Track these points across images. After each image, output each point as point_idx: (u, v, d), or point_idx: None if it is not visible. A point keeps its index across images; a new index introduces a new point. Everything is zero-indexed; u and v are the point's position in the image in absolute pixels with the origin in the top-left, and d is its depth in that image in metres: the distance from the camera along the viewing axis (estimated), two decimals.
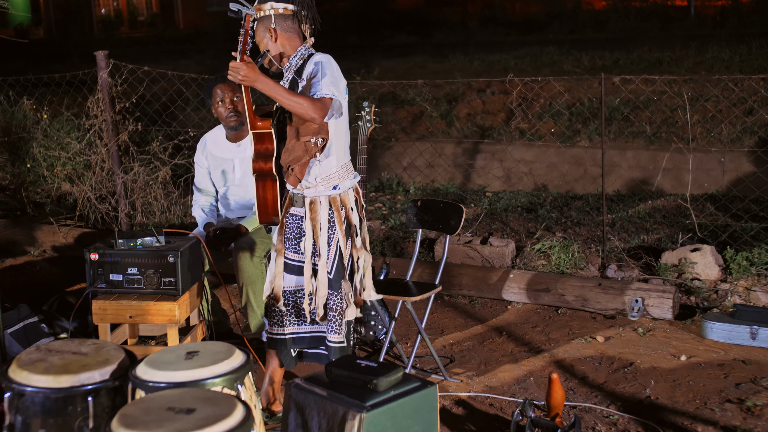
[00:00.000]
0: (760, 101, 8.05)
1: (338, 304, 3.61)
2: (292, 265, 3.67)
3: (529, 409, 3.63)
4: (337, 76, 3.48)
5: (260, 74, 3.32)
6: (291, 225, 3.67)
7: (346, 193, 3.60)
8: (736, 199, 6.77)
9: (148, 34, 27.59)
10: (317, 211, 3.56)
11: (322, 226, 3.56)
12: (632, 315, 4.99)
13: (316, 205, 3.56)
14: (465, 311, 5.31)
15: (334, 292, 3.60)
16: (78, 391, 2.71)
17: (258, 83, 3.31)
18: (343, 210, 3.58)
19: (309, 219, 3.56)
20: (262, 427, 2.91)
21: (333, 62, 3.51)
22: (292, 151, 3.49)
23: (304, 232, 3.59)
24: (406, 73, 12.06)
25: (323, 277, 3.57)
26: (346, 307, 3.61)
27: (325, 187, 3.56)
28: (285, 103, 3.35)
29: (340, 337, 3.62)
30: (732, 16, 17.46)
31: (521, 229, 6.41)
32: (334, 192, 3.57)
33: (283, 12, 3.52)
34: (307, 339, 3.71)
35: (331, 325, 3.61)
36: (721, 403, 3.93)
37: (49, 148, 8.09)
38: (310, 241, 3.57)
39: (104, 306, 3.97)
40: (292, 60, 3.56)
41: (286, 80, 3.58)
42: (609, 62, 11.11)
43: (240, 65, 3.29)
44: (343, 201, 3.59)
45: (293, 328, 3.69)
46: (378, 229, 6.48)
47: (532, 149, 8.56)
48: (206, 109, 8.56)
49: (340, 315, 3.60)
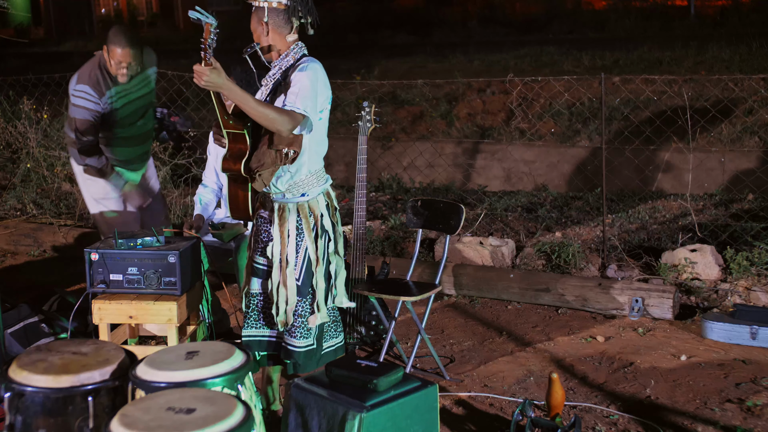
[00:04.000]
0: (760, 101, 8.05)
1: (305, 310, 3.57)
2: (257, 269, 3.64)
3: (529, 409, 3.63)
4: (318, 88, 3.42)
5: (225, 80, 3.22)
6: (259, 227, 3.63)
7: (315, 200, 3.55)
8: (736, 199, 6.77)
9: (148, 34, 27.59)
10: (285, 218, 3.52)
11: (290, 234, 3.52)
12: (632, 315, 4.99)
13: (285, 212, 3.53)
14: (465, 311, 5.31)
15: (301, 299, 3.57)
16: (78, 391, 2.71)
17: (224, 89, 3.24)
18: (311, 216, 3.54)
19: (277, 225, 3.53)
20: (262, 427, 2.91)
21: (319, 73, 3.45)
22: (261, 157, 3.42)
23: (272, 237, 3.56)
24: (406, 73, 12.05)
25: (291, 284, 3.53)
26: (311, 313, 3.57)
27: (293, 195, 3.52)
28: (251, 113, 3.28)
29: (308, 341, 3.56)
30: (732, 16, 17.44)
31: (521, 229, 6.41)
32: (303, 199, 3.52)
33: (276, 6, 3.46)
34: (272, 344, 3.66)
35: (297, 330, 3.58)
36: (721, 403, 3.93)
37: (49, 148, 8.10)
38: (278, 247, 3.53)
39: (104, 306, 3.97)
40: (283, 60, 3.51)
41: (272, 77, 3.52)
42: (609, 62, 11.11)
43: (204, 70, 3.20)
44: (312, 208, 3.54)
45: (251, 331, 3.64)
46: (378, 229, 6.48)
47: (532, 149, 8.56)
48: (207, 108, 8.58)
49: (306, 321, 3.57)
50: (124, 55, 4.57)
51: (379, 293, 4.26)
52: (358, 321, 4.55)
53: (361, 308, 4.56)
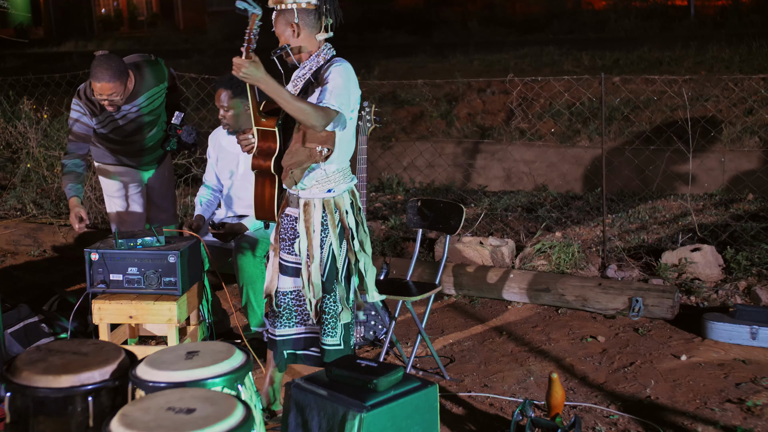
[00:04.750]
0: (760, 101, 8.05)
1: (331, 307, 3.58)
2: (286, 267, 3.65)
3: (529, 409, 3.63)
4: (350, 87, 3.44)
5: (264, 74, 3.24)
6: (286, 225, 3.65)
7: (341, 196, 3.56)
8: (736, 199, 6.77)
9: (148, 34, 27.59)
10: (310, 213, 3.53)
11: (315, 229, 3.53)
12: (632, 315, 4.99)
13: (310, 207, 3.54)
14: (465, 311, 5.31)
15: (327, 295, 3.58)
16: (78, 391, 2.71)
17: (261, 83, 3.24)
18: (337, 213, 3.56)
19: (303, 221, 3.55)
20: (262, 427, 2.91)
21: (350, 73, 3.47)
22: (295, 154, 3.44)
23: (299, 234, 3.57)
24: (406, 73, 12.05)
25: (317, 280, 3.55)
26: (340, 310, 3.59)
27: (319, 190, 3.53)
28: (287, 107, 3.29)
29: (334, 340, 3.59)
30: (732, 16, 17.45)
31: (521, 229, 6.41)
32: (329, 195, 3.54)
33: (306, 6, 3.45)
34: (301, 341, 3.68)
35: (325, 327, 3.59)
36: (721, 403, 3.93)
37: (49, 148, 8.10)
38: (305, 243, 3.54)
39: (104, 306, 3.97)
40: (313, 59, 3.51)
41: (302, 78, 3.52)
42: (609, 62, 11.10)
43: (243, 62, 3.22)
44: (338, 204, 3.56)
45: (285, 330, 3.66)
46: (378, 229, 6.48)
47: (532, 149, 8.55)
48: (207, 108, 8.57)
49: (334, 318, 3.58)
50: (102, 89, 4.33)
51: (379, 293, 4.25)
52: (358, 321, 4.56)
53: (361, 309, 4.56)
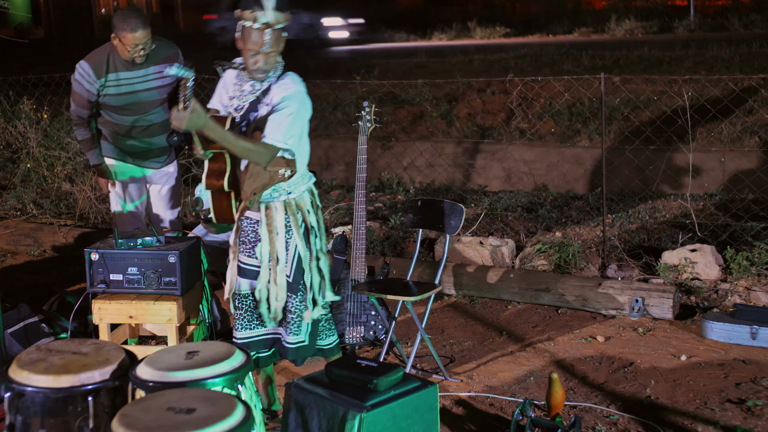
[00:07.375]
0: (760, 101, 8.05)
1: (297, 307, 3.59)
2: (245, 269, 3.64)
3: (530, 409, 3.63)
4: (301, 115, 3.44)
5: (206, 120, 3.26)
6: (246, 228, 3.64)
7: (301, 197, 3.58)
8: (736, 199, 6.77)
9: None
10: (273, 217, 3.54)
11: (279, 231, 3.55)
12: (632, 315, 4.99)
13: (272, 210, 3.55)
14: (465, 311, 5.31)
15: (293, 295, 3.58)
16: (78, 391, 2.71)
17: (205, 129, 3.29)
18: (299, 213, 3.58)
19: (265, 225, 3.56)
20: (262, 427, 2.91)
21: (300, 96, 3.45)
22: (258, 177, 3.46)
23: (260, 237, 3.58)
24: (406, 73, 12.05)
25: (282, 282, 3.55)
26: (304, 309, 3.60)
27: (279, 194, 3.55)
28: (232, 149, 3.34)
29: (299, 338, 3.60)
30: (732, 16, 17.47)
31: (521, 229, 6.41)
32: (290, 197, 3.56)
33: (285, 23, 3.48)
34: (260, 342, 3.67)
35: (291, 326, 3.59)
36: (721, 403, 3.93)
37: (49, 148, 8.10)
38: (267, 247, 3.55)
39: (104, 306, 3.97)
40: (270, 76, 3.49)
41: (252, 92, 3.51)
42: (609, 62, 11.11)
43: (183, 114, 3.24)
44: (299, 205, 3.58)
45: (245, 333, 3.65)
46: (378, 229, 6.48)
47: (532, 149, 8.56)
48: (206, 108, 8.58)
49: (299, 317, 3.59)
50: (139, 38, 4.53)
51: (379, 293, 4.26)
52: (358, 321, 4.56)
53: (361, 308, 4.56)
